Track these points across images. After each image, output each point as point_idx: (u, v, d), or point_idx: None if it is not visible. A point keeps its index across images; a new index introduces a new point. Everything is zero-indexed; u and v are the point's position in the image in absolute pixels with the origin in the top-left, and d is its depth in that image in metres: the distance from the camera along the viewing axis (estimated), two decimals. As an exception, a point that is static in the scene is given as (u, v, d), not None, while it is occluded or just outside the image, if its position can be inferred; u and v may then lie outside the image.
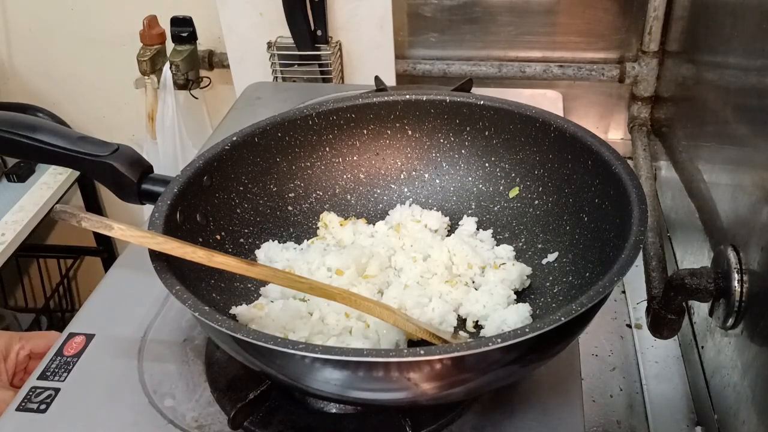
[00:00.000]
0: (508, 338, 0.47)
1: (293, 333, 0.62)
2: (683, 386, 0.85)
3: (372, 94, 0.77)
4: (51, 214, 0.59)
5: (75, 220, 0.55)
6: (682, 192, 0.91)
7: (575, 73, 1.21)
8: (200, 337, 0.69)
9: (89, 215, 0.55)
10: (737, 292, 0.61)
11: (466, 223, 0.74)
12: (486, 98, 0.74)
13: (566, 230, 0.69)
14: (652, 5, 1.13)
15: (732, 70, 0.75)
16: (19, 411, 0.62)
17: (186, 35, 1.26)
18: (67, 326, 0.71)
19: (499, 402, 0.61)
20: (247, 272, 0.57)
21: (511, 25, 1.23)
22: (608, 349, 0.92)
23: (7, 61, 1.47)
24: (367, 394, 0.53)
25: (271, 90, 1.16)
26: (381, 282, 0.68)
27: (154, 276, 0.54)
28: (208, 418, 0.61)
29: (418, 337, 0.60)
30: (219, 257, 0.57)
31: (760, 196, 0.61)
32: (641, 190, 0.59)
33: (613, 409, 0.85)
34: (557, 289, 0.66)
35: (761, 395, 0.57)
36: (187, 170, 0.66)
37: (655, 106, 1.22)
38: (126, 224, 0.55)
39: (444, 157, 0.78)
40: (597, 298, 0.50)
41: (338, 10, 1.18)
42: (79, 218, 0.55)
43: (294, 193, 0.76)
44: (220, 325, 0.49)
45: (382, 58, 1.21)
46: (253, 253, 0.71)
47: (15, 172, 1.40)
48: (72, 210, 0.56)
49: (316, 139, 0.76)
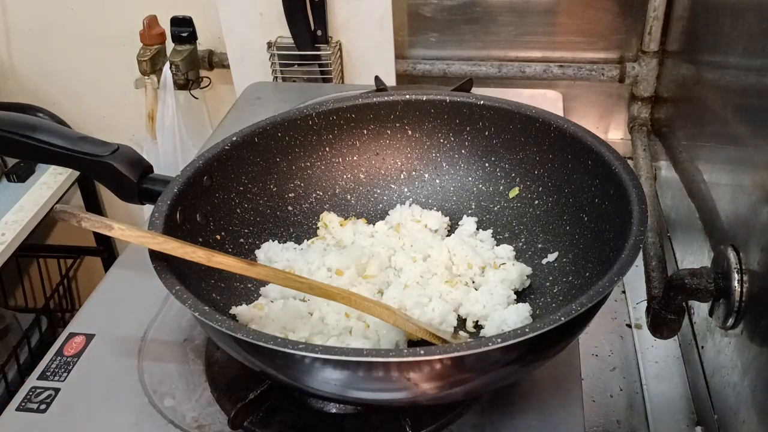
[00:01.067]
0: (508, 338, 0.47)
1: (293, 333, 0.62)
2: (683, 386, 0.85)
3: (372, 94, 0.77)
4: (51, 214, 0.59)
5: (75, 220, 0.55)
6: (682, 192, 0.91)
7: (575, 73, 1.21)
8: (200, 337, 0.69)
9: (89, 215, 0.55)
10: (737, 292, 0.61)
11: (466, 223, 0.74)
12: (486, 98, 0.74)
13: (566, 230, 0.69)
14: (652, 5, 1.13)
15: (732, 70, 0.75)
16: (19, 411, 0.62)
17: (186, 35, 1.26)
18: (67, 326, 0.71)
19: (499, 402, 0.61)
20: (247, 272, 0.57)
21: (511, 25, 1.23)
22: (608, 349, 0.92)
23: (7, 61, 1.47)
24: (367, 394, 0.53)
25: (271, 90, 1.16)
26: (381, 282, 0.68)
27: (154, 276, 0.54)
28: (208, 418, 0.61)
29: (418, 337, 0.60)
30: (218, 257, 0.57)
31: (760, 196, 0.61)
32: (641, 190, 0.59)
33: (613, 409, 0.85)
34: (557, 289, 0.66)
35: (761, 395, 0.57)
36: (187, 170, 0.66)
37: (655, 106, 1.22)
38: (126, 224, 0.55)
39: (444, 157, 0.78)
40: (597, 298, 0.50)
41: (338, 10, 1.18)
42: (79, 218, 0.55)
43: (294, 193, 0.76)
44: (220, 325, 0.49)
45: (382, 58, 1.21)
46: (253, 253, 0.71)
47: (15, 172, 1.40)
48: (72, 210, 0.56)
49: (316, 139, 0.76)
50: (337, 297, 0.58)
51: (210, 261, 0.56)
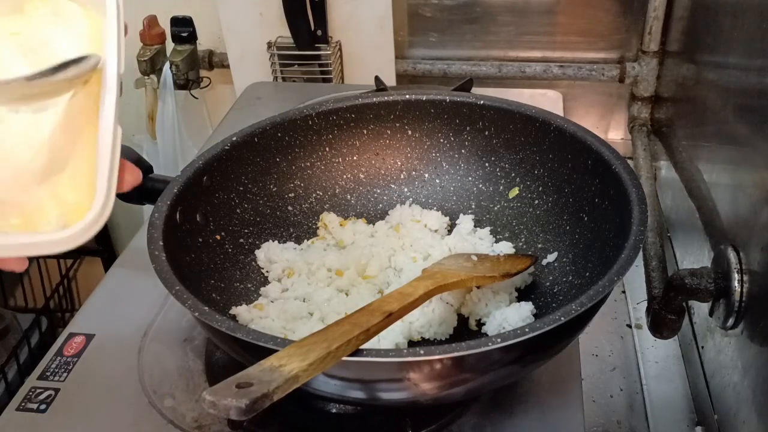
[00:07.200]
0: (508, 338, 0.47)
1: (293, 333, 0.62)
2: (683, 386, 0.85)
3: (372, 94, 0.77)
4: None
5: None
6: (682, 192, 0.91)
7: (575, 73, 1.21)
8: (200, 337, 0.69)
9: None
10: (737, 292, 0.61)
11: (463, 221, 0.74)
12: (486, 98, 0.74)
13: (566, 230, 0.69)
14: (652, 5, 1.13)
15: (732, 70, 0.75)
16: (19, 411, 0.62)
17: (186, 35, 1.26)
18: (67, 326, 0.71)
19: (499, 402, 0.61)
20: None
21: (511, 25, 1.23)
22: (608, 349, 0.92)
23: (7, 61, 1.47)
24: (367, 395, 0.53)
25: (271, 90, 1.17)
26: (381, 282, 0.68)
27: (154, 276, 0.54)
28: (208, 418, 0.61)
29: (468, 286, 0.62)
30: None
31: (760, 196, 0.61)
32: (641, 190, 0.59)
33: (613, 409, 0.84)
34: (557, 289, 0.66)
35: (761, 395, 0.57)
36: (187, 170, 0.66)
37: (655, 106, 1.22)
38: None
39: (444, 157, 0.78)
40: (597, 298, 0.50)
41: (338, 10, 1.18)
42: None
43: (294, 193, 0.76)
44: (219, 325, 0.49)
45: (382, 58, 1.21)
46: (253, 253, 0.71)
47: (15, 172, 1.40)
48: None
49: (316, 139, 0.76)
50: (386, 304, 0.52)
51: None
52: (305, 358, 0.42)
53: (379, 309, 0.50)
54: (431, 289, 0.56)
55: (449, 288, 0.59)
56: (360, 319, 0.48)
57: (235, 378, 0.39)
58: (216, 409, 0.37)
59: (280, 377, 0.40)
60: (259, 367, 0.41)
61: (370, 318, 0.49)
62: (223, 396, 0.38)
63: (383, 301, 0.53)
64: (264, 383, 0.39)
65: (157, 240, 0.57)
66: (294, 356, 0.42)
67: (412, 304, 0.53)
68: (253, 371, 0.41)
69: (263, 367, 0.41)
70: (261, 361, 0.42)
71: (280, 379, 0.40)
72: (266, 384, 0.39)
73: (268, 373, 0.40)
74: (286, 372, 0.40)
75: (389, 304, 0.52)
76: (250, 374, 0.40)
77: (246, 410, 0.37)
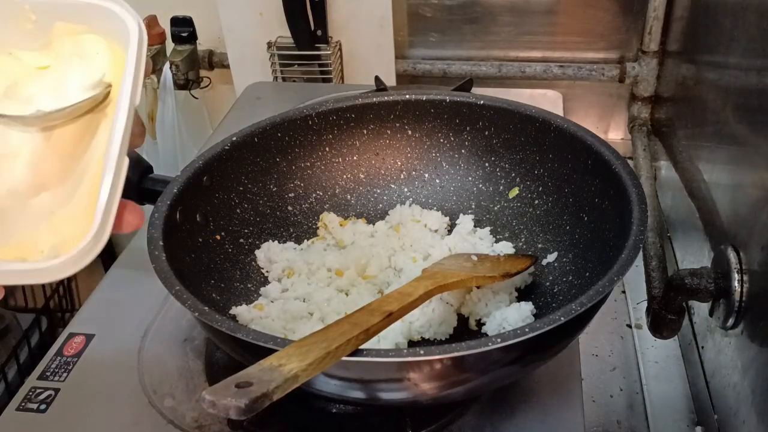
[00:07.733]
0: (508, 338, 0.47)
1: (293, 333, 0.62)
2: (683, 386, 0.85)
3: (372, 94, 0.77)
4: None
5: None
6: (682, 192, 0.91)
7: (575, 73, 1.21)
8: (200, 337, 0.69)
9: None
10: (737, 292, 0.61)
11: (463, 221, 0.74)
12: (486, 98, 0.74)
13: (566, 230, 0.69)
14: (652, 5, 1.13)
15: (732, 70, 0.75)
16: (19, 411, 0.62)
17: (186, 35, 1.26)
18: (67, 326, 0.71)
19: (499, 402, 0.61)
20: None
21: (511, 25, 1.23)
22: (608, 349, 0.92)
23: (7, 61, 1.47)
24: (367, 395, 0.53)
25: (271, 90, 1.17)
26: (381, 282, 0.68)
27: (154, 276, 0.54)
28: (208, 418, 0.61)
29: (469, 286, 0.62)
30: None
31: (760, 196, 0.61)
32: (641, 190, 0.59)
33: (613, 409, 0.84)
34: (557, 289, 0.66)
35: (761, 395, 0.57)
36: (187, 170, 0.66)
37: (655, 106, 1.22)
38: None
39: (444, 156, 0.78)
40: (597, 298, 0.50)
41: (338, 10, 1.18)
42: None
43: (294, 193, 0.75)
44: (219, 325, 0.49)
45: (382, 58, 1.21)
46: (253, 253, 0.71)
47: (15, 172, 1.40)
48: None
49: (316, 139, 0.76)
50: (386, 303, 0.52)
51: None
52: (305, 358, 0.42)
53: (379, 309, 0.50)
54: (431, 289, 0.56)
55: (449, 288, 0.59)
56: (360, 319, 0.48)
57: (234, 378, 0.39)
58: (215, 408, 0.37)
59: (279, 377, 0.40)
60: (258, 367, 0.41)
61: (370, 318, 0.49)
62: (223, 396, 0.38)
63: (383, 301, 0.53)
64: (263, 383, 0.39)
65: (157, 240, 0.57)
66: (294, 356, 0.42)
67: (412, 304, 0.53)
68: (253, 371, 0.41)
69: (263, 366, 0.41)
70: (261, 361, 0.42)
71: (280, 379, 0.40)
72: (266, 384, 0.39)
73: (267, 372, 0.40)
74: (285, 372, 0.40)
75: (389, 304, 0.52)
76: (250, 374, 0.40)
77: (245, 410, 0.37)
